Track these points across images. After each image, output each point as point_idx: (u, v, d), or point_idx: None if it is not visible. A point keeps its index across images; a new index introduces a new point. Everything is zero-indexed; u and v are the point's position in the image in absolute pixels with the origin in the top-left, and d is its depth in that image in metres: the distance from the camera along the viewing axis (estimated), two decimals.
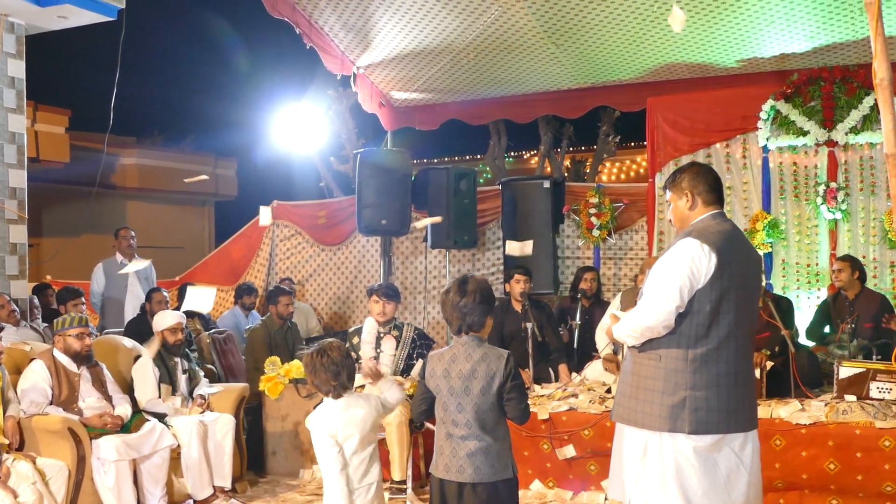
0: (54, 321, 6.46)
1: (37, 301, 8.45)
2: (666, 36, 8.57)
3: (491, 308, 3.90)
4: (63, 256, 12.70)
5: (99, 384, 6.31)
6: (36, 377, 6.06)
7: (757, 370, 6.38)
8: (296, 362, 7.53)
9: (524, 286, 7.79)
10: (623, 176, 19.09)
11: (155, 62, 18.96)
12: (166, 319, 6.92)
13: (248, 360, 8.24)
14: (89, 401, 6.17)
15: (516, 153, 18.95)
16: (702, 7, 7.96)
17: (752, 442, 3.87)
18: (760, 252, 8.74)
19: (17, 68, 7.93)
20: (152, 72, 18.52)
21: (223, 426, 6.65)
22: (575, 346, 7.94)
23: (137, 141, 18.20)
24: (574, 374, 7.45)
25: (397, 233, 9.94)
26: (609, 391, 6.73)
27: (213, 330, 8.99)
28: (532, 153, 18.35)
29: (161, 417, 6.47)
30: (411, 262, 11.15)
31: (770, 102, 8.84)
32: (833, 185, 8.64)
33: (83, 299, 8.60)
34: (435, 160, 18.39)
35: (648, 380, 3.84)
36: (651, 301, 3.80)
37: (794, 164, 8.91)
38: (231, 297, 11.19)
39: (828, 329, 7.93)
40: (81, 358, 6.25)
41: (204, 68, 19.41)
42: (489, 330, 3.92)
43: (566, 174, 15.06)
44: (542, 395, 6.88)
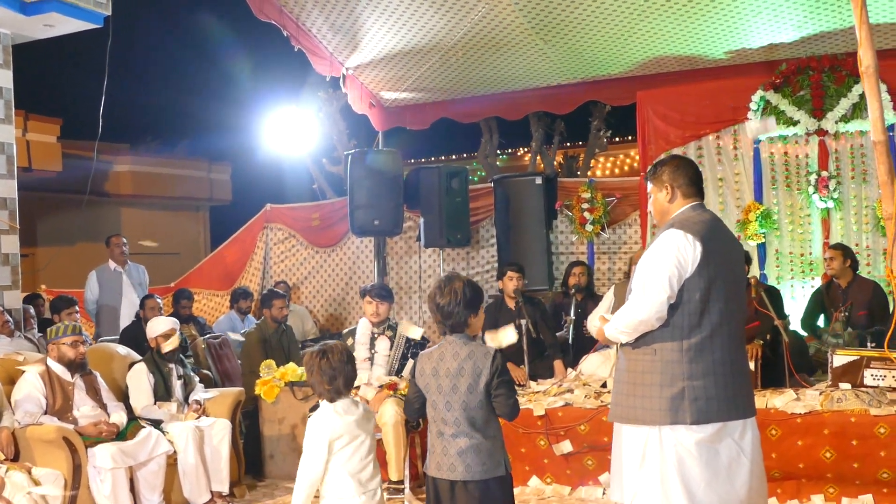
0: (48, 330, 6.45)
1: (32, 311, 8.45)
2: (654, 29, 8.57)
3: (476, 306, 3.87)
4: (58, 265, 12.72)
5: (93, 392, 6.31)
6: (30, 387, 6.05)
7: (751, 361, 6.39)
8: (291, 365, 7.53)
9: (517, 283, 7.79)
10: (616, 170, 19.08)
11: (147, 68, 18.97)
12: (160, 326, 6.92)
13: (244, 364, 8.24)
14: (84, 409, 6.16)
15: (508, 150, 18.92)
16: None
17: (751, 429, 3.89)
18: (753, 242, 8.78)
19: (5, 78, 7.89)
20: (144, 78, 18.53)
21: (219, 431, 6.64)
22: (570, 341, 7.94)
23: (131, 147, 18.17)
24: (569, 370, 7.45)
25: (390, 233, 9.94)
26: (604, 385, 6.72)
27: (208, 335, 8.99)
28: (524, 150, 18.32)
29: (157, 424, 6.46)
30: (405, 262, 11.15)
31: (760, 93, 8.84)
32: (824, 173, 8.64)
33: (77, 308, 8.60)
34: (426, 160, 18.37)
35: (645, 374, 3.85)
36: (642, 294, 3.82)
37: (786, 153, 8.90)
38: (226, 302, 11.20)
39: (822, 318, 7.93)
40: (76, 366, 6.24)
41: (196, 73, 19.40)
42: (479, 327, 3.91)
43: (558, 170, 15.06)
44: (537, 392, 6.88)
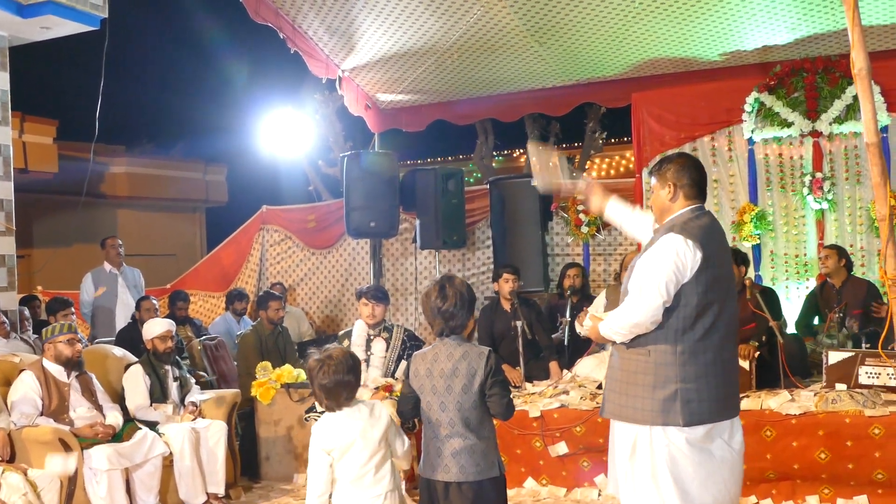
0: (43, 330, 6.47)
1: (27, 313, 8.45)
2: (649, 31, 8.60)
3: (473, 308, 3.93)
4: (54, 267, 12.70)
5: (89, 394, 6.32)
6: (26, 388, 6.06)
7: (746, 362, 6.41)
8: (287, 367, 7.53)
9: (513, 285, 7.79)
10: (612, 172, 19.12)
11: (143, 70, 18.95)
12: (156, 327, 6.93)
13: (240, 365, 8.25)
14: (80, 410, 6.18)
15: (504, 152, 18.96)
16: (683, 1, 7.98)
17: (738, 429, 3.93)
18: (748, 244, 8.79)
19: (1, 80, 7.91)
20: (140, 79, 18.49)
21: (215, 433, 6.65)
22: (565, 342, 7.94)
23: (127, 149, 18.15)
24: (565, 371, 7.46)
25: (386, 235, 9.95)
26: (600, 387, 6.72)
27: (204, 336, 9.00)
28: (520, 151, 18.35)
29: (153, 425, 6.48)
30: (401, 264, 11.16)
31: (754, 94, 8.84)
32: (819, 175, 8.65)
33: (73, 309, 8.60)
34: (422, 161, 18.39)
35: (638, 375, 3.86)
36: (638, 297, 3.83)
37: (780, 155, 8.91)
38: (222, 304, 11.20)
39: (816, 319, 7.95)
40: (73, 364, 6.26)
41: (192, 75, 19.40)
42: (471, 328, 3.93)
43: None
44: (533, 393, 6.89)
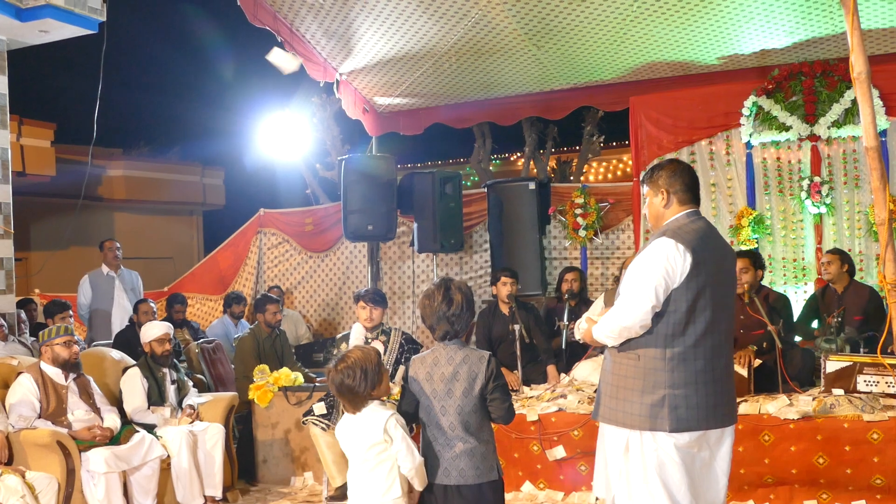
0: (40, 333, 6.47)
1: (24, 315, 8.45)
2: (647, 35, 8.60)
3: (474, 311, 3.93)
4: (51, 269, 12.68)
5: (86, 396, 6.32)
6: (24, 391, 6.06)
7: (745, 368, 6.41)
8: (285, 370, 7.53)
9: (511, 288, 7.79)
10: (609, 175, 19.12)
11: (140, 73, 18.94)
12: (153, 330, 6.93)
13: (238, 368, 8.24)
14: (77, 413, 6.18)
15: (501, 155, 18.96)
16: (682, 5, 7.99)
17: (729, 437, 3.92)
18: (746, 248, 8.76)
19: (0, 83, 7.91)
20: (138, 82, 18.47)
21: (213, 435, 6.65)
22: (563, 346, 7.95)
23: (124, 152, 18.15)
24: (563, 375, 7.46)
25: (383, 238, 9.93)
26: (597, 391, 6.71)
27: (202, 339, 8.99)
28: (517, 155, 18.35)
29: (150, 428, 6.47)
30: (399, 267, 11.16)
31: (752, 98, 8.87)
32: (817, 179, 8.66)
33: (70, 312, 8.61)
34: (420, 165, 18.39)
35: (628, 379, 3.86)
36: (627, 301, 3.82)
37: (778, 159, 8.93)
38: (220, 307, 11.20)
39: (816, 323, 7.95)
40: (70, 366, 6.26)
41: (189, 78, 19.39)
42: (470, 331, 3.94)
43: (552, 175, 15.05)
44: (531, 397, 6.89)
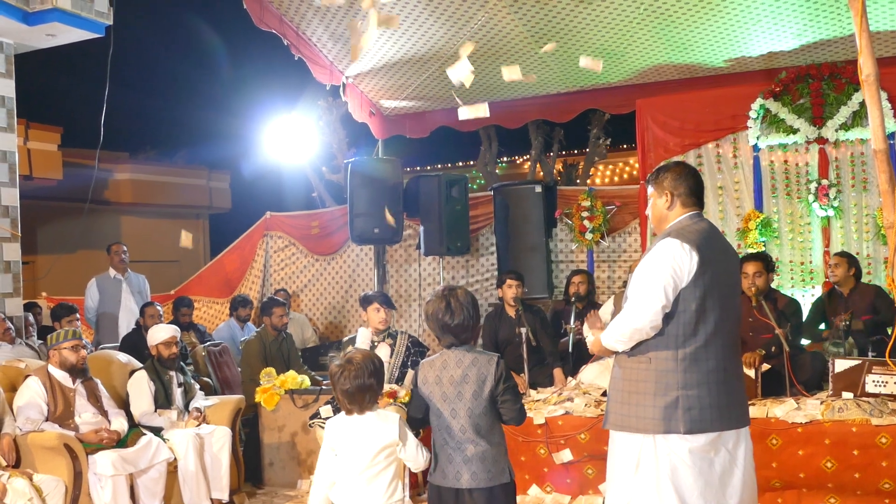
0: (47, 337, 6.47)
1: (31, 318, 8.46)
2: (653, 38, 8.60)
3: (479, 316, 3.93)
4: (58, 273, 12.69)
5: (94, 399, 6.32)
6: (31, 394, 6.06)
7: (752, 370, 6.39)
8: (291, 373, 7.52)
9: (516, 290, 7.78)
10: (616, 178, 19.12)
11: (147, 76, 19.04)
12: (160, 333, 6.93)
13: (244, 371, 8.24)
14: (85, 416, 6.18)
15: (508, 158, 18.98)
16: (688, 7, 7.98)
17: (745, 440, 3.89)
18: (753, 251, 8.74)
19: (7, 87, 7.93)
20: (144, 86, 18.56)
21: (220, 438, 6.65)
22: (570, 349, 7.93)
23: (130, 156, 18.21)
24: (569, 378, 7.45)
25: (390, 241, 9.93)
26: (604, 394, 6.69)
27: (208, 343, 9.00)
28: (524, 158, 18.37)
29: (157, 431, 6.47)
30: (405, 270, 11.15)
31: (759, 101, 8.84)
32: (824, 182, 8.64)
33: (77, 315, 8.62)
34: (426, 168, 18.41)
35: (639, 383, 3.84)
36: (637, 303, 3.81)
37: (786, 162, 8.91)
38: (226, 310, 11.20)
39: (823, 326, 7.93)
40: (77, 371, 6.26)
41: (195, 81, 19.46)
42: (477, 334, 3.93)
43: (558, 178, 15.07)
44: (537, 400, 6.88)
